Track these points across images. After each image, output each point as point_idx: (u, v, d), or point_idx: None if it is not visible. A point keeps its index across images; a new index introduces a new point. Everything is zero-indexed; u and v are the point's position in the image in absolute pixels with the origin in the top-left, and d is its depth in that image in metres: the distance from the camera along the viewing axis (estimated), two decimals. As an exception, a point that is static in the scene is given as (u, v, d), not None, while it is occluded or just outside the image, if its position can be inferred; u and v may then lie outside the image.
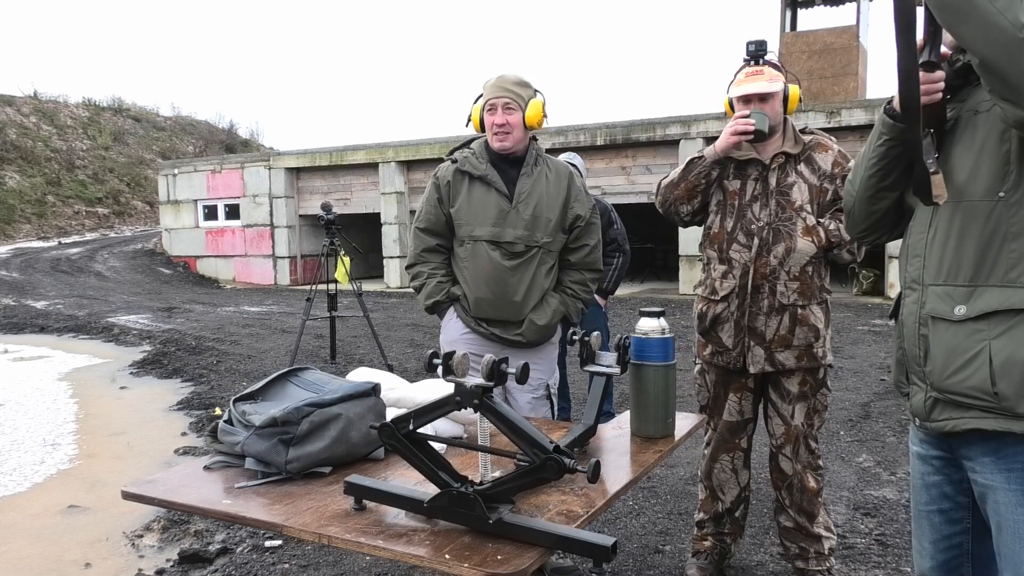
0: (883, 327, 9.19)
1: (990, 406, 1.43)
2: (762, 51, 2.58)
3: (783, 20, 15.36)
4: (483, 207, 2.75)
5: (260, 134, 34.46)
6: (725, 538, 2.88)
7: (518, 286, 2.75)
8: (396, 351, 8.08)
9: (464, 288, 2.81)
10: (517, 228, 2.74)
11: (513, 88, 2.72)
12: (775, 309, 2.58)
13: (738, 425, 2.75)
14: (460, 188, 2.78)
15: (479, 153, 2.81)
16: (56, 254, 19.12)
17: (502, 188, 2.76)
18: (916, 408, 1.58)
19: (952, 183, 1.51)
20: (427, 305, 2.85)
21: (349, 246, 7.64)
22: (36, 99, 25.80)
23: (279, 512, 1.65)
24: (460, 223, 2.78)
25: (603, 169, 13.74)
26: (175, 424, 5.61)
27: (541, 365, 2.85)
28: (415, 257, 2.88)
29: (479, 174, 2.77)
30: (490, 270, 2.74)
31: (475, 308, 2.78)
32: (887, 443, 4.63)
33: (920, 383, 1.56)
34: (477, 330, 2.80)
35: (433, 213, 2.83)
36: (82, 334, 10.01)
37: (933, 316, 1.51)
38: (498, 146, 2.74)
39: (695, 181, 2.66)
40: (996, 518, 1.48)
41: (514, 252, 2.74)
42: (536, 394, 2.85)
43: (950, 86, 1.54)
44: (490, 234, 2.74)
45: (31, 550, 3.47)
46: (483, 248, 2.74)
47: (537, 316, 2.77)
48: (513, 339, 2.78)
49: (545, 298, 2.80)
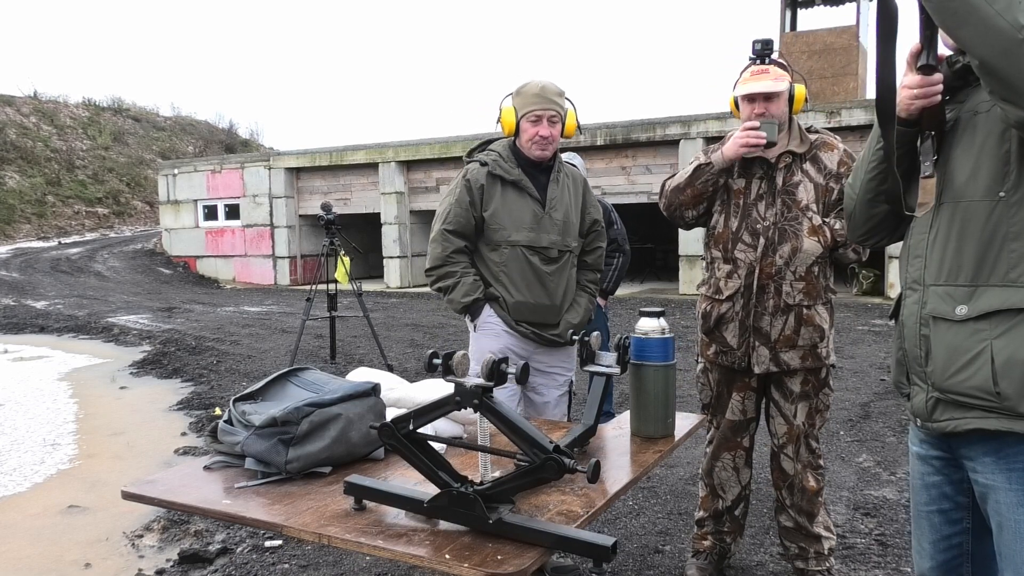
0: (883, 327, 9.19)
1: (992, 406, 1.42)
2: (768, 50, 2.58)
3: (783, 20, 15.37)
4: (518, 212, 2.77)
5: (260, 134, 34.49)
6: (725, 537, 2.88)
7: (557, 290, 2.81)
8: (396, 351, 8.08)
9: (501, 291, 2.80)
10: (551, 233, 2.79)
11: (557, 100, 2.76)
12: (780, 309, 2.57)
13: (741, 424, 2.75)
14: (494, 192, 2.77)
15: (507, 157, 2.81)
16: (56, 254, 19.12)
17: (535, 194, 2.79)
18: (917, 408, 1.58)
19: (952, 184, 1.51)
20: (464, 303, 2.79)
21: (349, 246, 7.64)
22: (36, 99, 25.81)
23: (279, 512, 1.65)
24: (495, 227, 2.77)
25: (603, 169, 13.74)
26: (175, 424, 5.60)
27: (568, 363, 2.93)
28: (443, 259, 2.80)
29: (512, 179, 2.77)
30: (531, 275, 2.77)
31: (514, 311, 2.79)
32: (887, 443, 4.63)
33: (921, 383, 1.56)
34: (517, 329, 2.80)
35: (464, 216, 2.78)
36: (82, 334, 10.01)
37: (934, 316, 1.51)
38: (538, 155, 2.77)
39: (702, 188, 2.66)
40: (997, 518, 1.48)
41: (550, 257, 2.80)
42: (561, 391, 2.93)
43: (949, 87, 1.53)
44: (527, 239, 2.76)
45: (31, 550, 3.47)
46: (521, 253, 2.76)
47: (571, 316, 2.87)
48: (551, 338, 2.82)
49: (575, 298, 2.90)
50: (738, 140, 2.53)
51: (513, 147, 2.82)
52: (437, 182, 15.59)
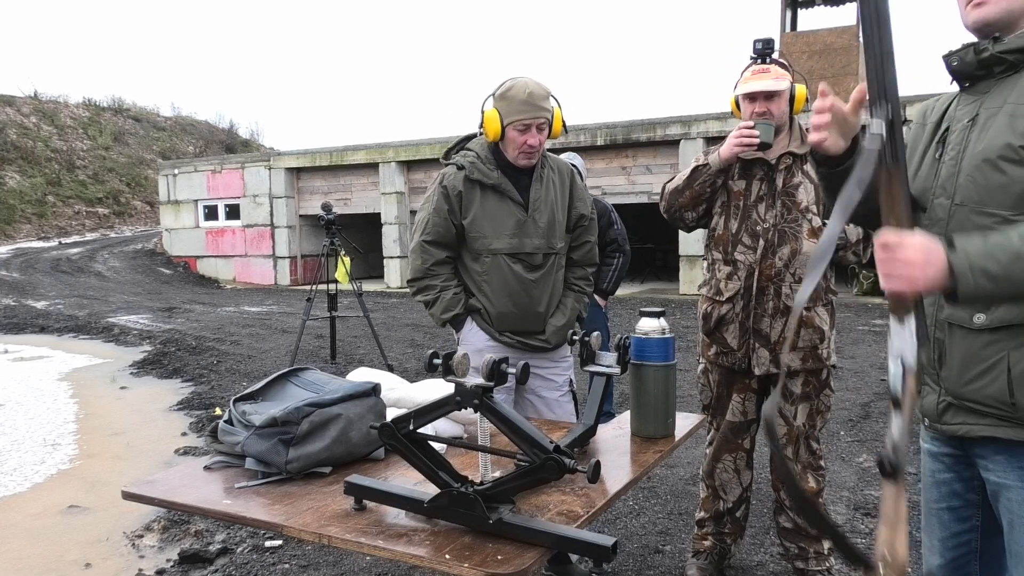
0: (883, 327, 9.18)
1: (1006, 415, 1.42)
2: (769, 49, 2.57)
3: (783, 20, 15.38)
4: (499, 218, 2.65)
5: (260, 134, 34.52)
6: (725, 538, 2.88)
7: (541, 297, 2.70)
8: (396, 351, 8.08)
9: (483, 302, 2.70)
10: (535, 238, 2.67)
11: (544, 105, 2.60)
12: (780, 311, 2.57)
13: (741, 425, 2.75)
14: (472, 198, 2.65)
15: (486, 159, 2.67)
16: (56, 254, 19.13)
17: (516, 197, 2.66)
18: (927, 409, 1.57)
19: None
20: (445, 319, 2.71)
21: (349, 246, 7.64)
22: (36, 99, 25.81)
23: (279, 512, 1.65)
24: (475, 235, 2.66)
25: (603, 169, 13.74)
26: (175, 424, 5.60)
27: (563, 363, 2.85)
28: (423, 271, 2.71)
29: (492, 183, 2.64)
30: (514, 284, 2.66)
31: (498, 322, 2.70)
32: (887, 443, 4.62)
33: (933, 385, 1.55)
34: (502, 340, 2.71)
35: (442, 225, 2.67)
36: (82, 334, 10.01)
37: (951, 322, 1.48)
38: (523, 163, 2.64)
39: (700, 190, 2.65)
40: (1008, 516, 1.48)
41: (534, 264, 2.68)
42: (562, 391, 2.83)
43: (970, 76, 1.47)
44: (509, 246, 2.65)
45: (31, 550, 3.47)
46: (503, 261, 2.65)
47: (556, 319, 2.75)
48: (539, 344, 2.73)
49: (561, 300, 2.79)
50: (732, 140, 2.53)
51: (494, 147, 2.67)
52: (437, 182, 15.57)
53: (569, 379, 2.88)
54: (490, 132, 2.61)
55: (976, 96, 1.48)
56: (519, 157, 2.63)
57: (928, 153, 1.57)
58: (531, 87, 2.59)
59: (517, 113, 2.57)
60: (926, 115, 1.63)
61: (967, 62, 1.46)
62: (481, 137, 2.71)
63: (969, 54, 1.45)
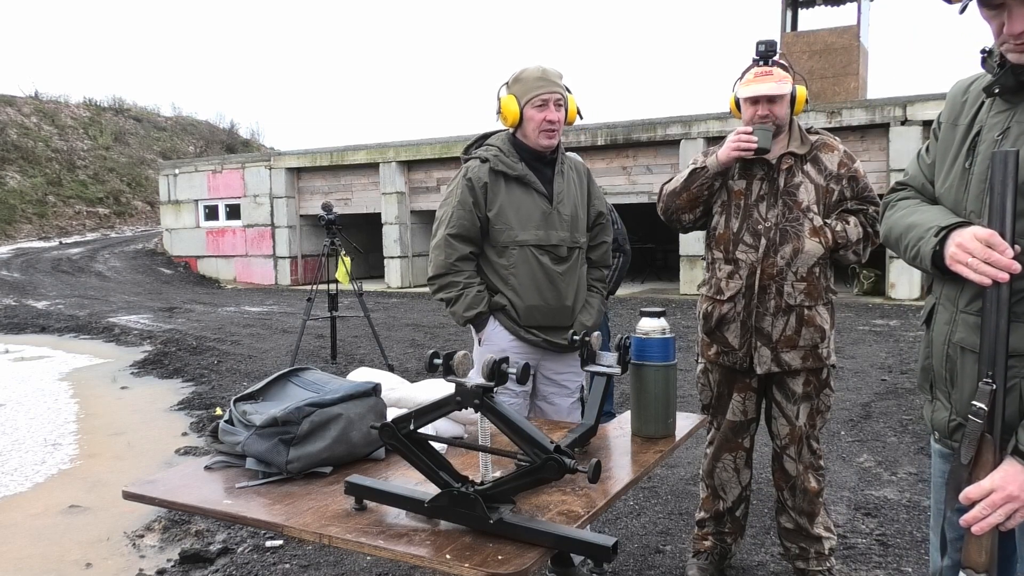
0: (883, 327, 9.18)
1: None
2: (772, 51, 2.57)
3: (784, 20, 15.37)
4: (525, 209, 2.61)
5: (261, 134, 34.54)
6: (726, 538, 2.88)
7: (568, 290, 2.67)
8: (397, 351, 8.08)
9: (510, 296, 2.65)
10: (560, 230, 2.64)
11: (560, 82, 2.58)
12: (782, 310, 2.57)
13: (741, 425, 2.75)
14: (498, 189, 2.61)
15: (507, 151, 2.64)
16: (57, 254, 19.13)
17: (541, 189, 2.64)
18: (938, 424, 1.56)
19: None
20: (468, 317, 2.63)
21: (350, 246, 7.63)
22: (37, 99, 25.82)
23: (280, 512, 1.65)
24: (501, 227, 2.61)
25: (604, 169, 13.74)
26: (176, 424, 5.61)
27: (578, 368, 2.76)
28: (447, 267, 2.63)
29: (516, 174, 2.61)
30: (541, 276, 2.63)
31: (526, 317, 2.64)
32: (888, 443, 4.62)
33: (945, 402, 1.53)
34: (527, 338, 2.66)
35: (467, 218, 2.61)
36: (83, 334, 10.02)
37: (963, 347, 1.46)
38: (546, 144, 2.61)
39: (697, 192, 2.65)
40: None
41: (560, 256, 2.65)
42: (574, 398, 2.80)
43: (1004, 87, 1.42)
44: (536, 238, 2.61)
45: (32, 550, 3.47)
46: (530, 253, 2.62)
47: (585, 317, 2.73)
48: (563, 343, 2.63)
49: (587, 299, 2.78)
50: (730, 143, 2.53)
51: (513, 139, 2.66)
52: (438, 182, 15.59)
53: (581, 385, 2.83)
54: (509, 117, 2.60)
55: (1009, 105, 1.44)
56: (540, 137, 2.60)
57: (958, 161, 1.52)
58: (544, 66, 2.61)
59: (533, 91, 2.56)
60: (957, 115, 1.56)
61: (1007, 86, 1.41)
62: (500, 133, 2.71)
63: (1009, 78, 1.41)
